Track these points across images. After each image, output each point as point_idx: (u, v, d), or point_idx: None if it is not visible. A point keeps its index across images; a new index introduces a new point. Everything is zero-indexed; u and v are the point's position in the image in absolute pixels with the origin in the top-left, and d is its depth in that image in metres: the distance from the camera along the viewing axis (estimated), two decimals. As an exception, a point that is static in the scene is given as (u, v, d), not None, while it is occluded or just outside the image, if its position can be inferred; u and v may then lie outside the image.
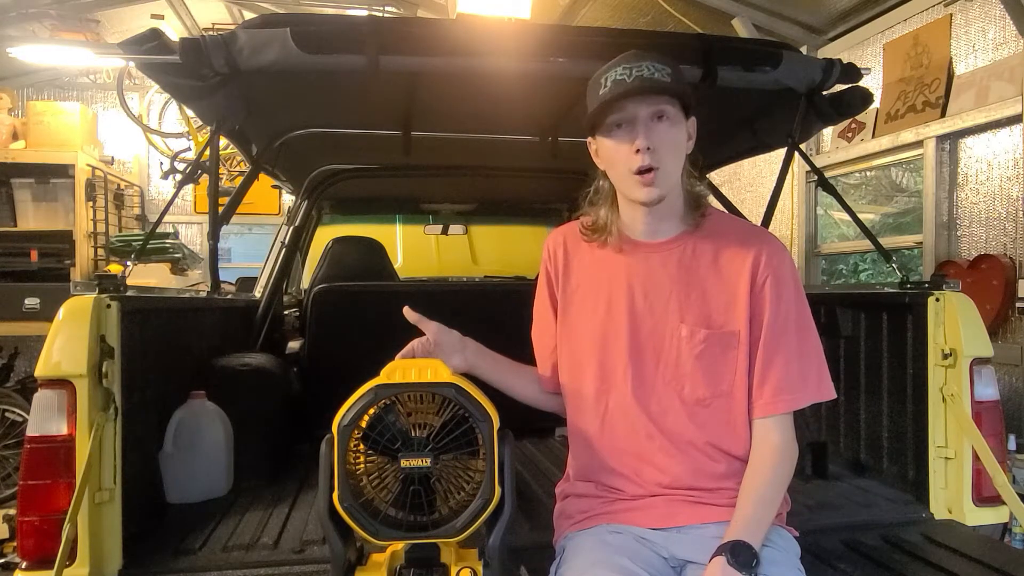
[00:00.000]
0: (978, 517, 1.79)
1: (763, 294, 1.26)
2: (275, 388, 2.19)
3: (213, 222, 2.15)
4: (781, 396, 1.25)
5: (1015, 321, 3.31)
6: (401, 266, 4.05)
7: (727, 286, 1.28)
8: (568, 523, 1.34)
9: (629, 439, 1.29)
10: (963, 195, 3.62)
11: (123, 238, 5.77)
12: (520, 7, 4.43)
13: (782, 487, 1.24)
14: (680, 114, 1.25)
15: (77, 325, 1.44)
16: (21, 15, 5.16)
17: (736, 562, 1.11)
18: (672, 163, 1.25)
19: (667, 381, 1.28)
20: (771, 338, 1.26)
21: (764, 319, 1.26)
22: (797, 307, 1.28)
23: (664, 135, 1.23)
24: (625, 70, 1.22)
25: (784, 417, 1.26)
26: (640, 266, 1.31)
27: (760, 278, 1.26)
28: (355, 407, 1.09)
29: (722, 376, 1.27)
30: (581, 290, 1.37)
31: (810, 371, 1.28)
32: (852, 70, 2.06)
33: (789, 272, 1.28)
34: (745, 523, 1.18)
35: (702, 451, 1.28)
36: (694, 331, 1.26)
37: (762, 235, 1.33)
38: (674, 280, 1.29)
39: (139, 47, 1.70)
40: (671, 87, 1.22)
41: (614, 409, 1.30)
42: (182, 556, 1.54)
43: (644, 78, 1.20)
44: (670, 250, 1.31)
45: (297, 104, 2.29)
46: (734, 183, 5.35)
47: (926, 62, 3.81)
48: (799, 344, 1.27)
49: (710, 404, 1.27)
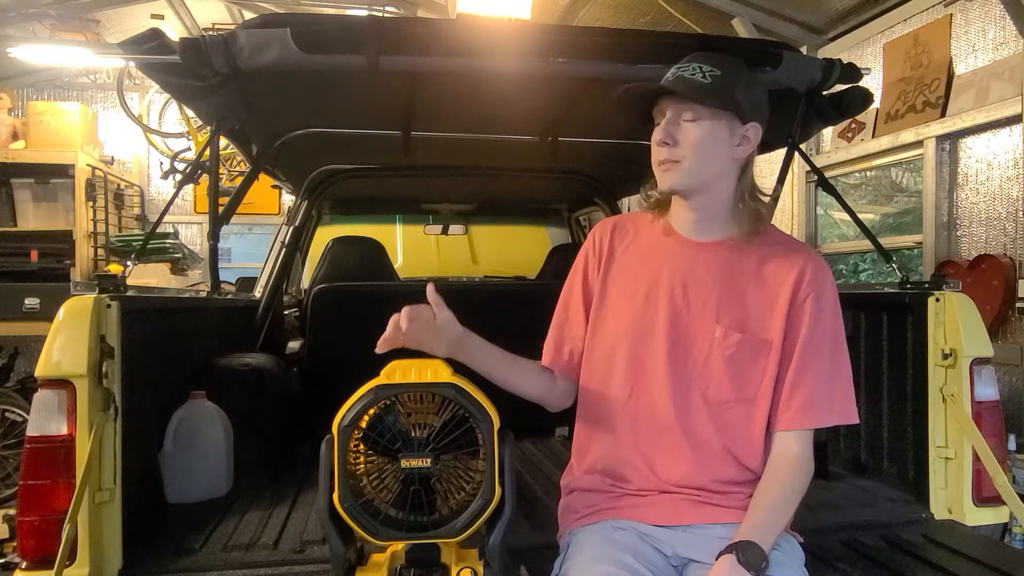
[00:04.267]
0: (978, 517, 1.79)
1: (803, 310, 1.27)
2: (275, 388, 2.19)
3: (213, 222, 2.15)
4: (807, 412, 1.26)
5: (1015, 321, 3.31)
6: (401, 266, 4.05)
7: (767, 295, 1.28)
8: (573, 518, 1.34)
9: (648, 429, 1.29)
10: (963, 195, 3.62)
11: (123, 238, 5.77)
12: (520, 7, 4.44)
13: (796, 499, 1.24)
14: (721, 115, 1.25)
15: (77, 325, 1.44)
16: (21, 15, 5.16)
17: (746, 561, 1.11)
18: (695, 160, 1.25)
19: (693, 378, 1.28)
20: (805, 354, 1.26)
21: (800, 335, 1.26)
22: (834, 328, 1.29)
23: (687, 132, 1.25)
24: (676, 69, 1.27)
25: (806, 433, 1.27)
26: (684, 261, 1.31)
27: (803, 294, 1.27)
28: (355, 407, 1.09)
29: (748, 382, 1.27)
30: (621, 278, 1.36)
31: (838, 392, 1.28)
32: (852, 70, 2.06)
33: (831, 293, 1.29)
34: (756, 526, 1.18)
35: (716, 453, 1.28)
36: (728, 333, 1.26)
37: (809, 253, 1.34)
38: (716, 280, 1.29)
39: (139, 47, 1.70)
40: (695, 92, 1.23)
41: (638, 397, 1.30)
42: (182, 556, 1.54)
43: (682, 78, 1.24)
44: (716, 251, 1.31)
45: (297, 104, 2.29)
46: (734, 183, 5.33)
47: (926, 62, 3.81)
48: (831, 364, 1.28)
49: (732, 408, 1.27)
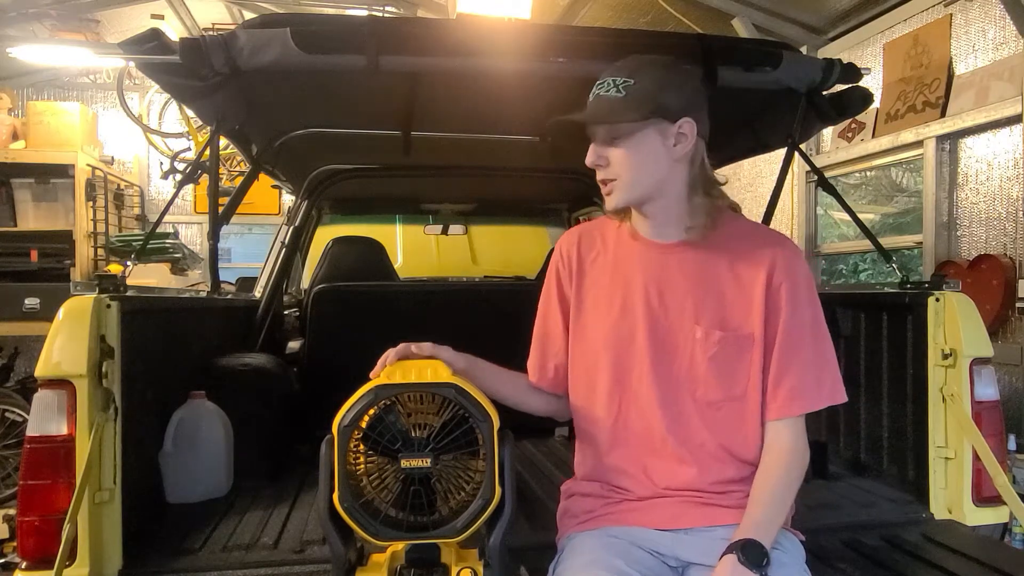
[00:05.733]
0: (978, 517, 1.79)
1: (779, 297, 1.26)
2: (275, 388, 2.19)
3: (213, 222, 2.15)
4: (796, 399, 1.25)
5: (1015, 321, 3.31)
6: (401, 266, 4.05)
7: (743, 290, 1.27)
8: (572, 522, 1.33)
9: (640, 439, 1.29)
10: (963, 195, 3.62)
11: (123, 238, 5.77)
12: (520, 7, 4.44)
13: (793, 489, 1.24)
14: (645, 124, 1.23)
15: (77, 325, 1.44)
16: (21, 15, 5.16)
17: (747, 560, 1.11)
18: (631, 175, 1.25)
19: (680, 382, 1.27)
20: (787, 341, 1.25)
21: (780, 322, 1.26)
22: (812, 311, 1.28)
23: (615, 151, 1.25)
24: (595, 87, 1.26)
25: (797, 420, 1.26)
26: (656, 266, 1.30)
27: (776, 282, 1.26)
28: (355, 407, 1.09)
29: (736, 379, 1.26)
30: (595, 289, 1.36)
31: (825, 375, 1.28)
32: (852, 70, 2.06)
33: (804, 276, 1.29)
34: (755, 523, 1.18)
35: (712, 455, 1.27)
36: (709, 332, 1.26)
37: (779, 239, 1.33)
38: (690, 282, 1.29)
39: (139, 47, 1.70)
40: (608, 114, 1.23)
41: (627, 408, 1.30)
42: (182, 556, 1.54)
43: (597, 97, 1.25)
44: (685, 251, 1.30)
45: (297, 104, 2.29)
46: (734, 183, 5.34)
47: (926, 62, 3.81)
48: (815, 348, 1.27)
49: (722, 407, 1.27)
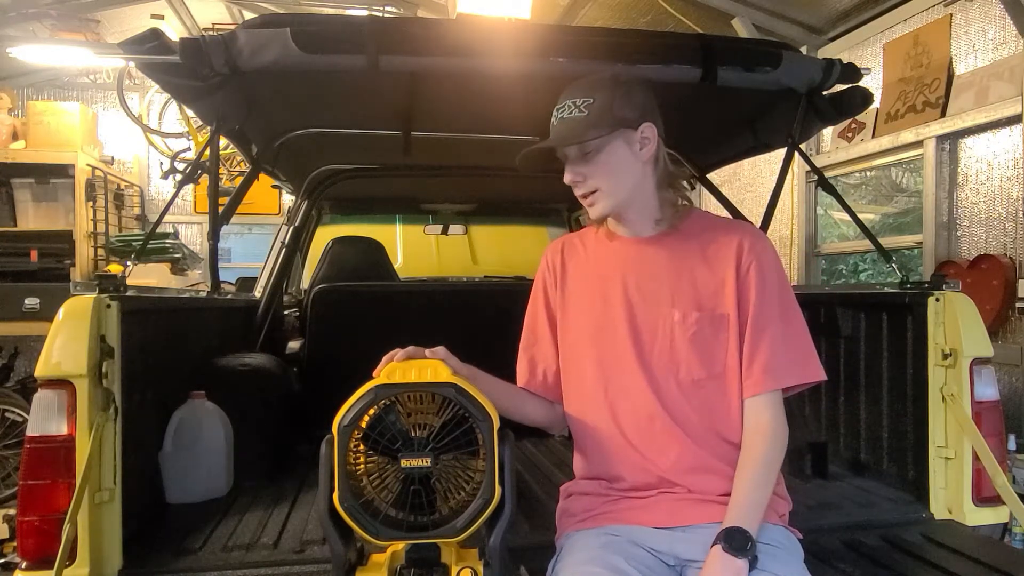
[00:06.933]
0: (978, 517, 1.80)
1: (748, 279, 1.32)
2: (275, 388, 2.19)
3: (213, 222, 2.15)
4: (769, 374, 1.29)
5: (1015, 321, 3.31)
6: (401, 266, 4.05)
7: (715, 274, 1.33)
8: (571, 521, 1.35)
9: (632, 424, 1.32)
10: (963, 195, 3.62)
11: (123, 238, 5.76)
12: (520, 7, 4.44)
13: (774, 467, 1.27)
14: (612, 135, 1.30)
15: (77, 325, 1.44)
16: (21, 15, 5.15)
17: (731, 548, 1.13)
18: (610, 184, 1.33)
19: (664, 365, 1.32)
20: (758, 320, 1.31)
21: (751, 303, 1.31)
22: (780, 291, 1.33)
23: (590, 166, 1.32)
24: (556, 111, 1.33)
25: (773, 396, 1.30)
26: (633, 259, 1.38)
27: (744, 264, 1.32)
28: (355, 407, 1.09)
29: (715, 357, 1.31)
30: (579, 290, 1.43)
31: (796, 351, 1.32)
32: (852, 70, 2.06)
33: (771, 258, 1.35)
34: (739, 508, 1.20)
35: (700, 433, 1.30)
36: (686, 314, 1.31)
37: (744, 226, 1.40)
38: (666, 269, 1.35)
39: (139, 47, 1.70)
40: (577, 136, 1.29)
41: (615, 395, 1.33)
42: (182, 556, 1.54)
43: (562, 120, 1.30)
44: (660, 243, 1.38)
45: (297, 104, 2.29)
46: (734, 183, 5.34)
47: (926, 62, 3.81)
48: (784, 326, 1.32)
49: (705, 386, 1.31)
